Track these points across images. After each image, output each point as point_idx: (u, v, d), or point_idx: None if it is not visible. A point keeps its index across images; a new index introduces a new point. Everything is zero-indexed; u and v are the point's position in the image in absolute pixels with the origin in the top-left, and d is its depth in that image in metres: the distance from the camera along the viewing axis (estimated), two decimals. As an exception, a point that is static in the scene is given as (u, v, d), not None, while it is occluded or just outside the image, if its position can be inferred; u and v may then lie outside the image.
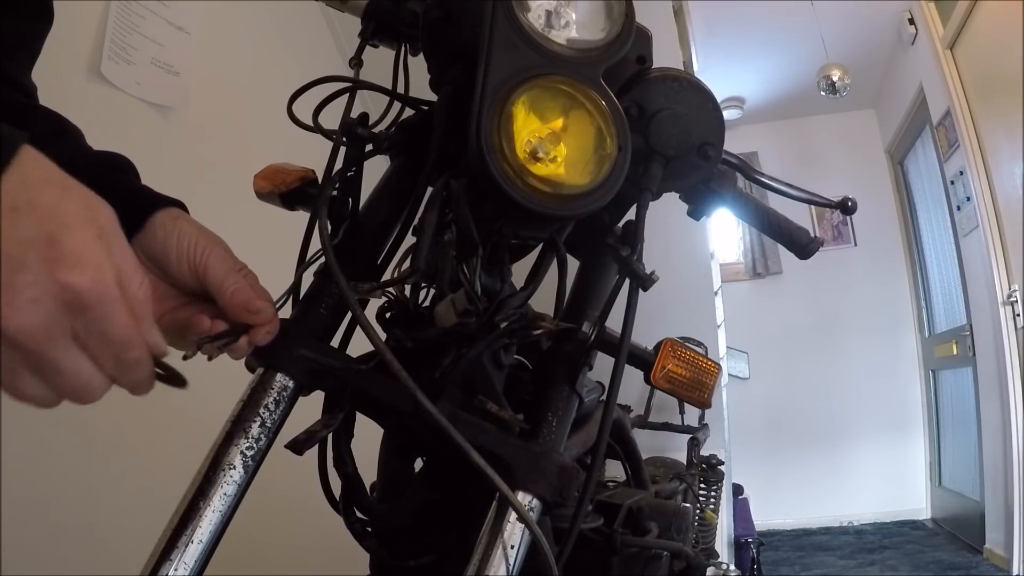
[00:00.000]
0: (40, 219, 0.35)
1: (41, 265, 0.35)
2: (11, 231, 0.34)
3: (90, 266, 0.36)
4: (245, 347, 0.50)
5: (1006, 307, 3.23)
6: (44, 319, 0.35)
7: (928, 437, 4.53)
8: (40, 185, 0.35)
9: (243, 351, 0.50)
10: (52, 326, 0.36)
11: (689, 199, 0.68)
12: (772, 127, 5.04)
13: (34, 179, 0.35)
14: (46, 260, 0.35)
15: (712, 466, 1.78)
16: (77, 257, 0.36)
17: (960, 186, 3.58)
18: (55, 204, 0.36)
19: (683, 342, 0.68)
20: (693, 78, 0.62)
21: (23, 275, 0.34)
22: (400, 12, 0.65)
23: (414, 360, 0.52)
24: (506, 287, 0.54)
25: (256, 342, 0.50)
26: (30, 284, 0.35)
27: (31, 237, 0.34)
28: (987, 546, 3.44)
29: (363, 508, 0.58)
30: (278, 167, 0.63)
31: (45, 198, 0.35)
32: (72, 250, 0.36)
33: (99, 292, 0.37)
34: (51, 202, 0.35)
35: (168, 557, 0.45)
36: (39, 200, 0.35)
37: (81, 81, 1.31)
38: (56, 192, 0.36)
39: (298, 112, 0.63)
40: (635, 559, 0.78)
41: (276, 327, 0.51)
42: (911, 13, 3.81)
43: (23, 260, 0.34)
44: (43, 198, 0.35)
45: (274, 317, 0.51)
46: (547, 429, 0.55)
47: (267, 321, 0.50)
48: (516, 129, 0.47)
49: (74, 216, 0.36)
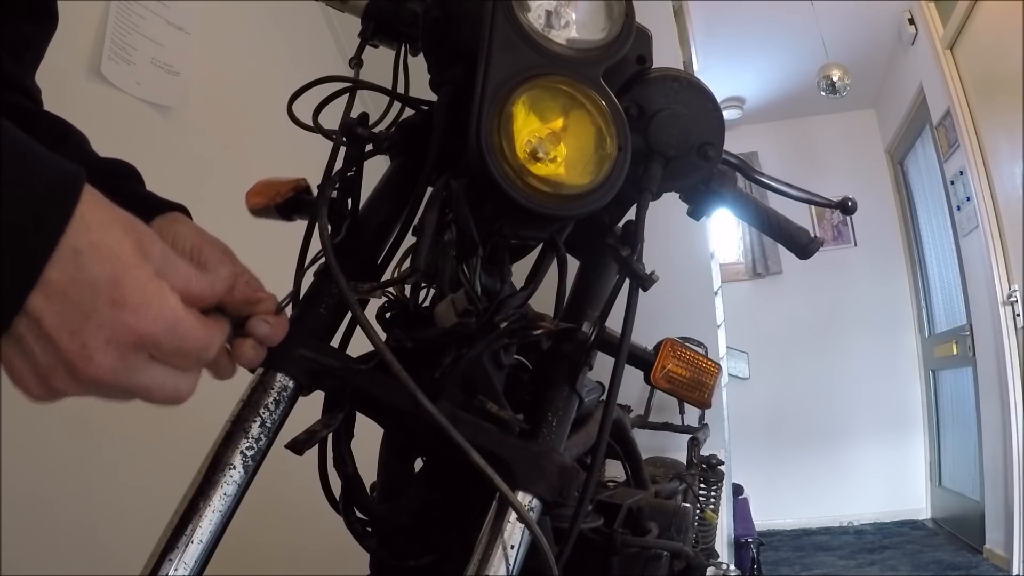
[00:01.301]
0: (103, 261, 0.35)
1: (110, 309, 0.35)
2: (77, 275, 0.34)
3: (153, 304, 0.37)
4: (251, 352, 0.48)
5: (1006, 307, 3.23)
6: (119, 359, 0.36)
7: (928, 437, 4.53)
8: (102, 227, 0.35)
9: (250, 356, 0.48)
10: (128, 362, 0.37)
11: (689, 199, 0.68)
12: (772, 127, 5.04)
13: (96, 220, 0.35)
14: (114, 303, 0.35)
15: (712, 466, 1.78)
16: (140, 298, 0.36)
17: (960, 186, 3.57)
18: (116, 245, 0.36)
19: (683, 342, 0.68)
20: (693, 78, 0.62)
21: (93, 319, 0.35)
22: (400, 12, 0.65)
23: (414, 360, 0.52)
24: (506, 287, 0.54)
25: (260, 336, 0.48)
26: (101, 327, 0.35)
27: (96, 280, 0.35)
28: (987, 546, 3.44)
29: (363, 508, 0.58)
30: (268, 181, 0.64)
31: (108, 239, 0.35)
32: (135, 291, 0.36)
33: (166, 326, 0.38)
34: (112, 243, 0.36)
35: (168, 557, 0.45)
36: (102, 242, 0.35)
37: (81, 81, 1.31)
38: (116, 233, 0.36)
39: (298, 112, 0.63)
40: (635, 559, 0.78)
41: (284, 324, 0.49)
42: (911, 13, 3.81)
43: (93, 305, 0.35)
44: (106, 239, 0.35)
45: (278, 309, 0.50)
46: (547, 429, 0.55)
47: (270, 310, 0.49)
48: (516, 129, 0.47)
49: (132, 255, 0.36)
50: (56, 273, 0.34)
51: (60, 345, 0.35)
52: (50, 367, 0.35)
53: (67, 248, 0.34)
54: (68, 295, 0.34)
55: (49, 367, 0.35)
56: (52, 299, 0.34)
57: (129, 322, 0.36)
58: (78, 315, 0.34)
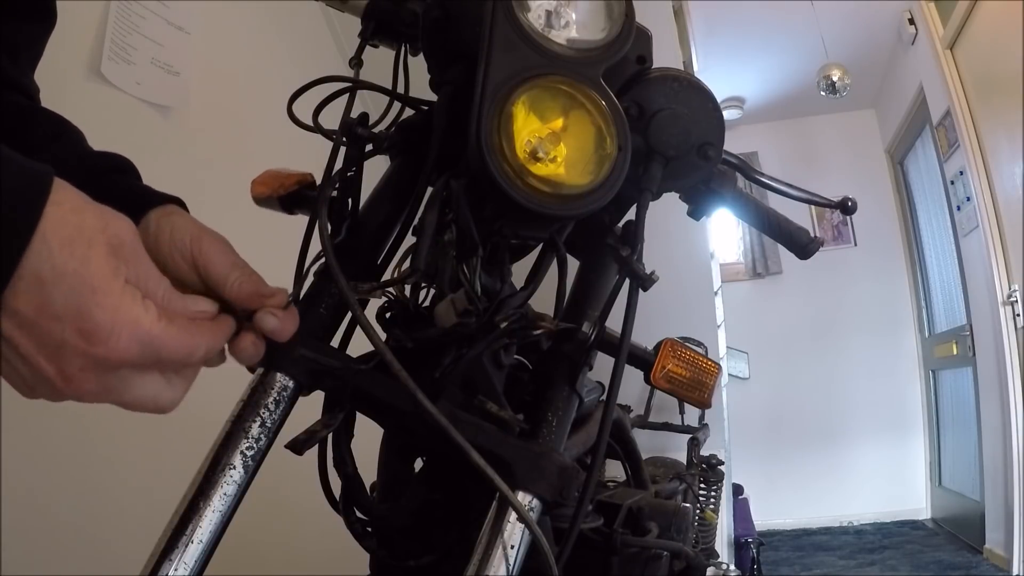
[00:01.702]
0: (67, 291, 0.34)
1: (79, 340, 0.35)
2: (44, 306, 0.34)
3: (124, 331, 0.36)
4: (250, 348, 0.47)
5: (1006, 307, 3.23)
6: (98, 382, 0.36)
7: (928, 437, 4.53)
8: (65, 246, 0.34)
9: (249, 352, 0.47)
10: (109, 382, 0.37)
11: (689, 199, 0.68)
12: (772, 127, 5.04)
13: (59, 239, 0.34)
14: (82, 334, 0.35)
15: (712, 466, 1.78)
16: (109, 327, 0.36)
17: (960, 186, 3.58)
18: (80, 266, 0.35)
19: (683, 342, 0.68)
20: (693, 78, 0.62)
21: (65, 350, 0.35)
22: (400, 12, 0.65)
23: (414, 360, 0.52)
24: (506, 287, 0.54)
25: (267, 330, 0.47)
26: (75, 355, 0.35)
27: (64, 312, 0.34)
28: (987, 546, 3.44)
29: (363, 508, 0.58)
30: (275, 172, 0.63)
31: (72, 261, 0.34)
32: (104, 321, 0.35)
33: (140, 347, 0.37)
34: (77, 265, 0.35)
35: (168, 557, 0.45)
36: (65, 266, 0.34)
37: (81, 81, 1.31)
38: (81, 249, 0.35)
39: (298, 112, 0.63)
40: (635, 559, 0.78)
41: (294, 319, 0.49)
42: (911, 13, 3.81)
43: (63, 337, 0.34)
44: (70, 262, 0.34)
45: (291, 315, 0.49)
46: (547, 429, 0.55)
47: (280, 304, 0.48)
48: (516, 129, 0.47)
49: (99, 274, 0.35)
50: (23, 304, 0.33)
51: (39, 367, 0.35)
52: (35, 381, 0.36)
53: (30, 276, 0.33)
54: (37, 325, 0.34)
55: (34, 380, 0.36)
56: (23, 328, 0.34)
57: (100, 353, 0.35)
58: (50, 345, 0.34)
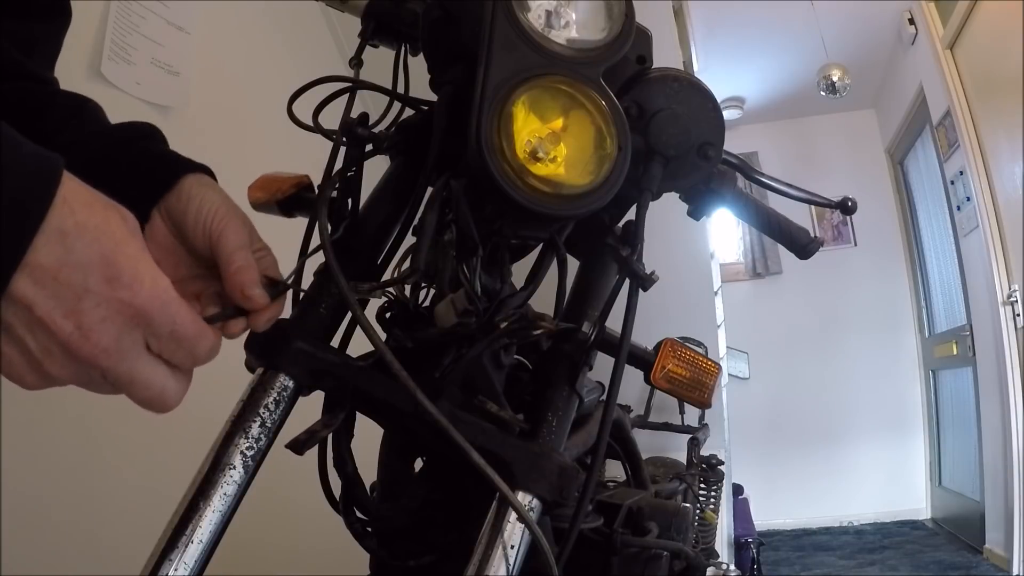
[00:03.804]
0: (91, 241, 0.35)
1: (103, 286, 0.35)
2: (66, 257, 0.34)
3: (147, 279, 0.37)
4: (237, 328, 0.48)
5: (1006, 307, 3.23)
6: (116, 337, 0.36)
7: (928, 437, 4.53)
8: (86, 207, 0.35)
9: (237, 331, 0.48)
10: (125, 341, 0.37)
11: (689, 199, 0.68)
12: (772, 127, 5.03)
13: (79, 202, 0.35)
14: (107, 280, 0.35)
15: (712, 466, 1.78)
16: (133, 274, 0.36)
17: (960, 186, 3.57)
18: (103, 223, 0.36)
19: (683, 342, 0.68)
20: (693, 78, 0.62)
21: (87, 299, 0.35)
22: (400, 12, 0.65)
23: (414, 360, 0.52)
24: (506, 287, 0.54)
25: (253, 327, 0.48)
26: (97, 305, 0.35)
27: (88, 260, 0.35)
28: (987, 546, 3.44)
29: (363, 508, 0.58)
30: (271, 176, 0.64)
31: (93, 218, 0.35)
32: (128, 267, 0.36)
33: (160, 303, 0.38)
34: (99, 221, 0.36)
35: (168, 557, 0.45)
36: (88, 222, 0.35)
37: (81, 81, 1.31)
38: (101, 212, 0.36)
39: (298, 112, 0.63)
40: (635, 559, 0.78)
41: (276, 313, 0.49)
42: (911, 13, 3.81)
43: (85, 284, 0.35)
44: (92, 219, 0.35)
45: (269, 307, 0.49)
46: (547, 429, 0.55)
47: (257, 308, 0.48)
48: (516, 129, 0.47)
49: (120, 231, 0.37)
50: (44, 257, 0.34)
51: (53, 327, 0.35)
52: (44, 351, 0.35)
53: (53, 231, 0.34)
54: (59, 278, 0.34)
55: (44, 351, 0.35)
56: (42, 283, 0.34)
57: (124, 297, 0.36)
58: (71, 296, 0.35)
